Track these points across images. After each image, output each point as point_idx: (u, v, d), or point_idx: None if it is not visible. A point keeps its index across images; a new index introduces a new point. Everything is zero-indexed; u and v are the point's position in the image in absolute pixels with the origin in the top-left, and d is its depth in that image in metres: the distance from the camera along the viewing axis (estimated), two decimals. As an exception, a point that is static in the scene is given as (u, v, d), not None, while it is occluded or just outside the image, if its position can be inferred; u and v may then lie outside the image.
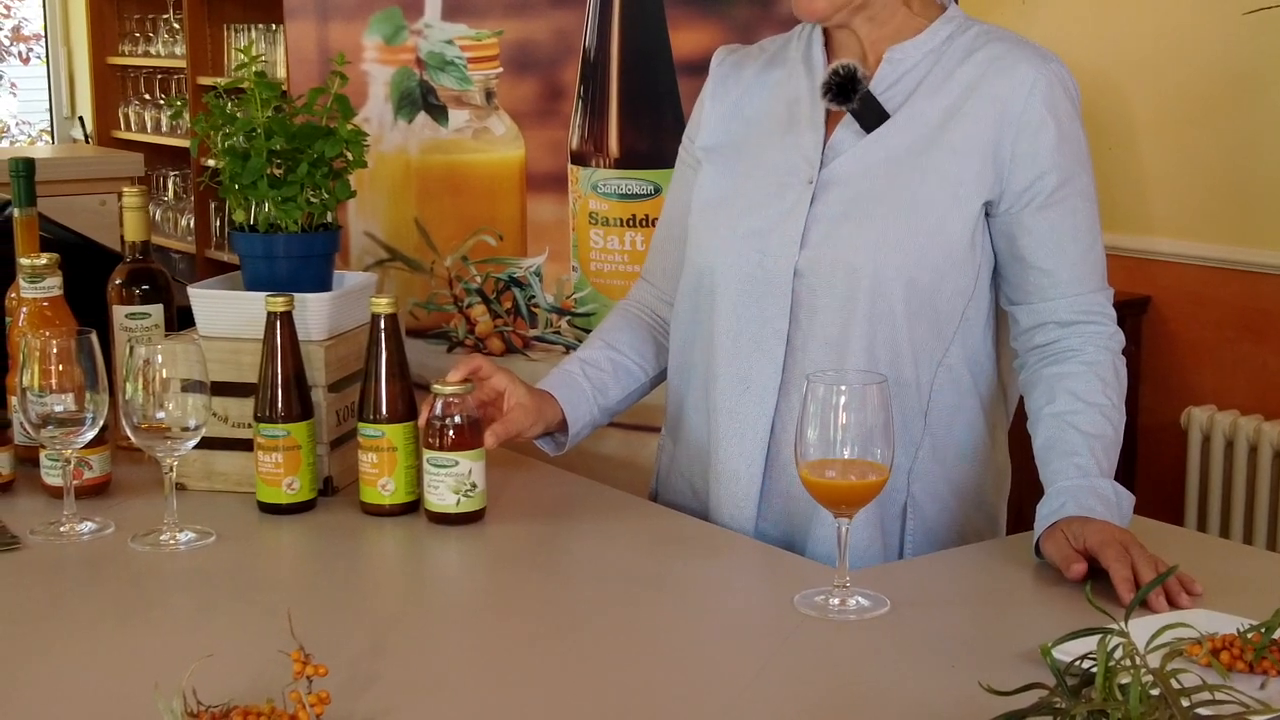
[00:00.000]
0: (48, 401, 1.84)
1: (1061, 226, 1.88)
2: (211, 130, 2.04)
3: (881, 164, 1.88)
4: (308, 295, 2.00)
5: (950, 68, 1.89)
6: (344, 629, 1.57)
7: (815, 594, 1.62)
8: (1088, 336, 1.89)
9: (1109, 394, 1.87)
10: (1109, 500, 1.76)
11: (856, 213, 1.87)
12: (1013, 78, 1.86)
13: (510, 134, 2.98)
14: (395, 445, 1.91)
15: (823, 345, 1.88)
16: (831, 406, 1.56)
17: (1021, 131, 1.85)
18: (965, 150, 1.86)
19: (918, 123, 1.88)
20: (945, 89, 1.89)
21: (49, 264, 2.05)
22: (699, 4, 2.70)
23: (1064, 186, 1.87)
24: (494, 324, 3.03)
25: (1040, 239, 1.88)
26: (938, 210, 1.86)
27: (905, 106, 1.89)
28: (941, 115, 1.88)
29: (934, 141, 1.87)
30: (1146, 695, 1.12)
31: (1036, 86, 1.86)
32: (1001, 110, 1.86)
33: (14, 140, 8.03)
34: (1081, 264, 1.90)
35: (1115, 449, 1.84)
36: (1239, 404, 3.44)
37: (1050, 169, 1.86)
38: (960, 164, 1.86)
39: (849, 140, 1.90)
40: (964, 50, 1.90)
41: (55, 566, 1.80)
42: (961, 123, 1.87)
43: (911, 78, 1.90)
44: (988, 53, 1.89)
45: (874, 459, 1.57)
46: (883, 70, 1.90)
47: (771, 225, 1.91)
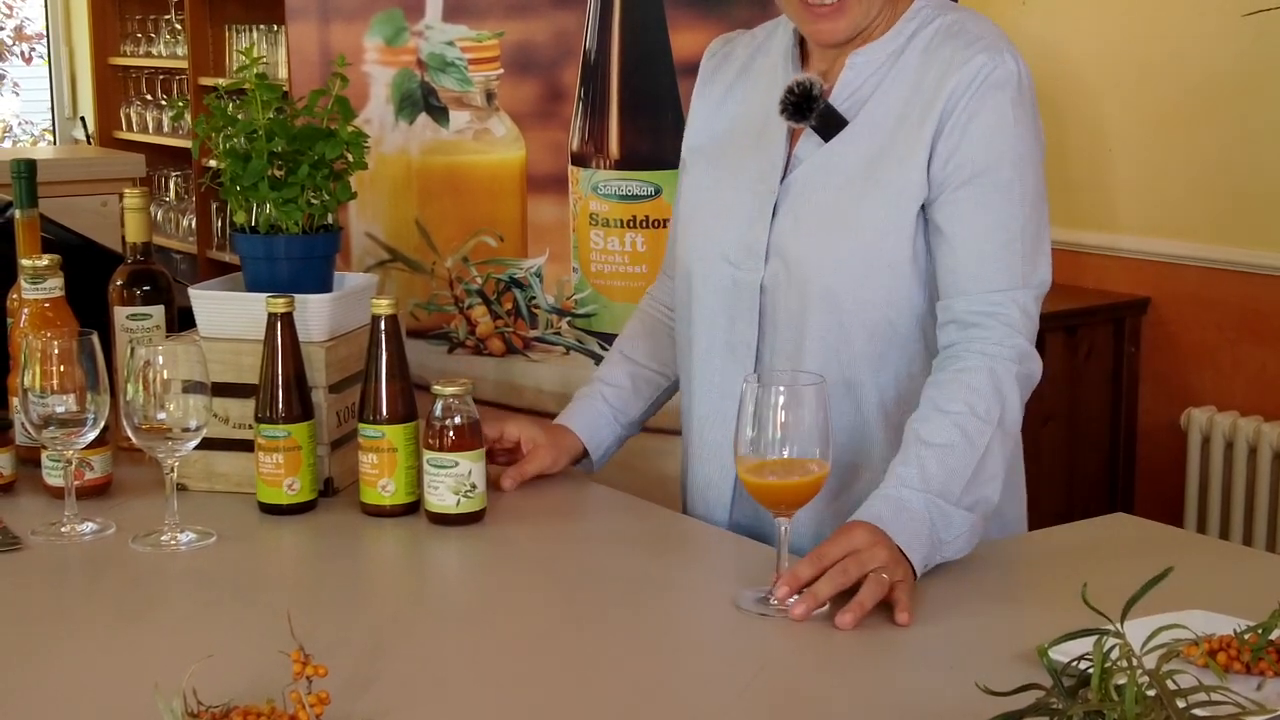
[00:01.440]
0: (49, 402, 1.84)
1: (969, 218, 1.79)
2: (212, 131, 2.05)
3: (836, 175, 1.86)
4: (308, 296, 2.00)
5: (909, 66, 1.86)
6: (344, 629, 1.57)
7: (756, 593, 1.62)
8: (972, 342, 1.78)
9: (972, 401, 1.73)
10: (910, 514, 1.66)
11: (810, 227, 1.87)
12: (959, 73, 1.81)
13: (511, 135, 2.98)
14: (395, 446, 1.91)
15: (784, 359, 1.89)
16: (769, 406, 1.57)
17: (954, 122, 1.80)
18: (908, 156, 1.82)
19: (872, 129, 1.85)
20: (898, 91, 1.85)
21: (50, 265, 2.05)
22: (699, 5, 2.70)
23: (980, 177, 1.79)
24: (494, 325, 3.04)
25: (947, 230, 1.80)
26: (879, 226, 1.82)
27: (862, 112, 1.86)
28: (894, 120, 1.85)
29: (884, 150, 1.84)
30: (1143, 696, 1.12)
31: (978, 78, 1.80)
32: (942, 105, 1.81)
33: (16, 140, 8.03)
34: (990, 261, 1.79)
35: (965, 459, 1.71)
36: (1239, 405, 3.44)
37: (968, 159, 1.79)
38: (904, 173, 1.82)
39: (809, 149, 1.88)
40: (922, 47, 1.86)
41: (56, 567, 1.80)
42: (908, 127, 1.83)
43: (871, 82, 1.87)
44: (943, 49, 1.84)
45: (812, 458, 1.57)
46: (845, 76, 1.87)
47: (741, 237, 1.91)
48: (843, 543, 1.62)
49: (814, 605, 1.57)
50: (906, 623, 1.56)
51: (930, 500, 1.68)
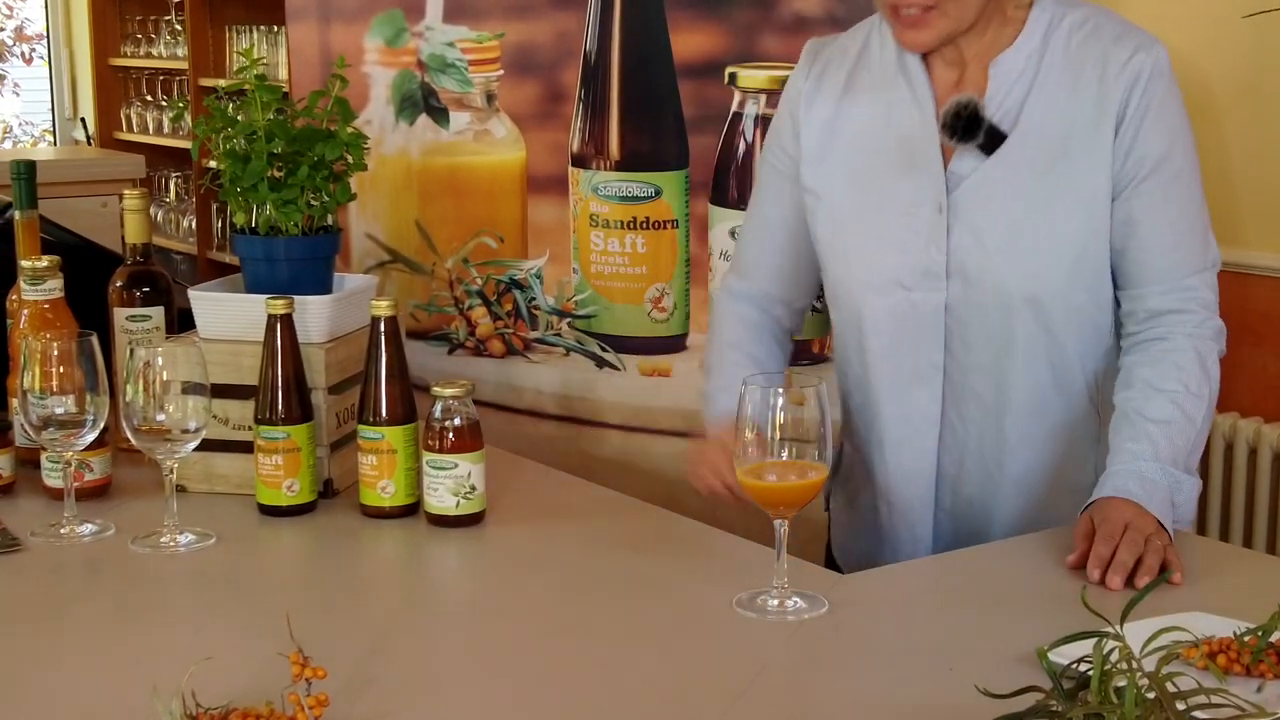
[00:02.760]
0: (48, 403, 1.84)
1: (1155, 211, 1.86)
2: (212, 132, 2.05)
3: (1009, 186, 1.86)
4: (308, 298, 2.00)
5: (1055, 66, 1.87)
6: (343, 631, 1.57)
7: (755, 595, 1.62)
8: (1173, 325, 1.87)
9: (1185, 379, 1.84)
10: (1152, 484, 1.76)
11: (996, 242, 1.86)
12: (1124, 72, 1.84)
13: (511, 136, 2.98)
14: (395, 447, 1.91)
15: (981, 374, 1.91)
16: (769, 407, 1.57)
17: (1130, 121, 1.84)
18: (1091, 159, 1.85)
19: (1036, 134, 1.86)
20: (1055, 91, 1.86)
21: (50, 266, 2.05)
22: (699, 6, 2.70)
23: (1159, 169, 1.85)
24: (494, 326, 3.04)
25: (1134, 224, 1.86)
26: (1077, 232, 1.86)
27: (1021, 119, 1.86)
28: (1059, 121, 1.86)
29: (1058, 153, 1.85)
30: (1142, 698, 1.12)
31: (1143, 74, 1.84)
32: (1116, 107, 1.84)
33: (16, 141, 8.03)
34: (1178, 249, 1.88)
35: (1185, 434, 1.83)
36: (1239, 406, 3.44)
37: (1148, 154, 1.85)
38: (1091, 178, 1.85)
39: (970, 163, 1.87)
40: (1064, 43, 1.87)
41: (56, 568, 1.80)
42: (1081, 130, 1.85)
43: (1020, 86, 1.87)
44: (1091, 43, 1.87)
45: (812, 460, 1.57)
46: (992, 88, 1.87)
47: (914, 261, 1.89)
48: (1115, 518, 1.72)
49: (1126, 575, 1.65)
50: (1180, 582, 1.66)
51: (1164, 469, 1.78)
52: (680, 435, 2.82)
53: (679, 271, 2.82)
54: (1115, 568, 1.65)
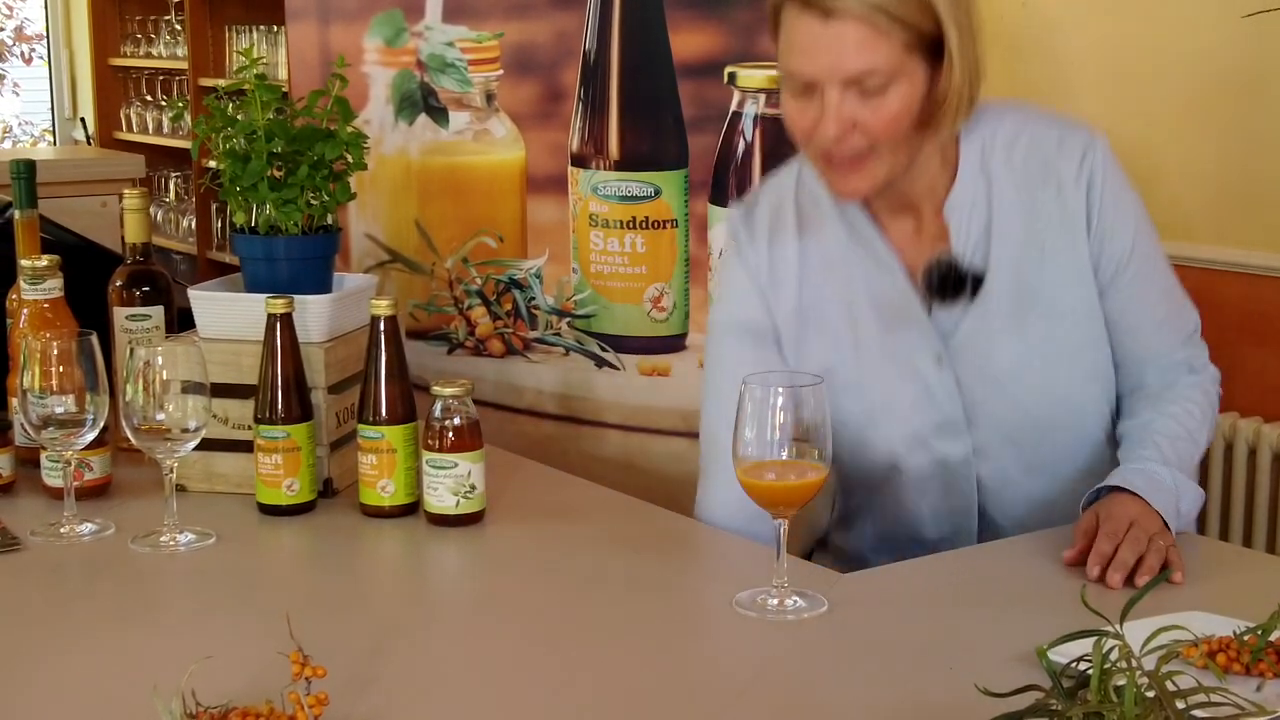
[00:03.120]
0: (48, 403, 1.84)
1: (1138, 299, 1.89)
2: (212, 132, 2.05)
3: (1003, 320, 1.86)
4: (308, 297, 2.00)
5: (1007, 192, 1.85)
6: (343, 630, 1.57)
7: (755, 594, 1.62)
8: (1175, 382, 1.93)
9: (1188, 406, 1.88)
10: (1159, 483, 1.77)
11: (1009, 379, 1.87)
12: (1075, 179, 1.84)
13: (511, 136, 2.98)
14: (395, 447, 1.91)
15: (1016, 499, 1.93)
16: (769, 407, 1.56)
17: (1096, 225, 1.85)
18: (1074, 274, 1.85)
19: (1011, 263, 1.85)
20: (1014, 218, 1.85)
21: (50, 266, 2.05)
22: (699, 6, 2.70)
23: (1132, 260, 1.87)
24: (494, 326, 3.04)
25: (1121, 316, 1.89)
26: (1081, 341, 1.87)
27: (991, 253, 1.85)
28: (1028, 245, 1.85)
29: (1039, 276, 1.85)
30: (1142, 697, 1.12)
31: (1095, 177, 1.85)
32: (1078, 215, 1.84)
33: (16, 140, 8.03)
34: (1165, 327, 1.92)
35: (1189, 448, 1.85)
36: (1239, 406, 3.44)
37: (1119, 250, 1.86)
38: (1080, 292, 1.86)
39: (955, 314, 1.86)
40: (1005, 165, 1.85)
41: (55, 568, 1.80)
42: (1053, 244, 1.85)
43: (977, 221, 1.85)
44: (1034, 158, 1.85)
45: (812, 459, 1.57)
46: (951, 231, 1.85)
47: (929, 419, 1.89)
48: (1120, 514, 1.72)
49: (1126, 573, 1.64)
50: (1181, 581, 1.66)
51: (1172, 473, 1.80)
52: (680, 435, 2.82)
53: (678, 271, 2.82)
54: (1116, 565, 1.65)
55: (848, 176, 1.78)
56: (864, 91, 1.72)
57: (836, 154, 1.76)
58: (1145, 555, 1.66)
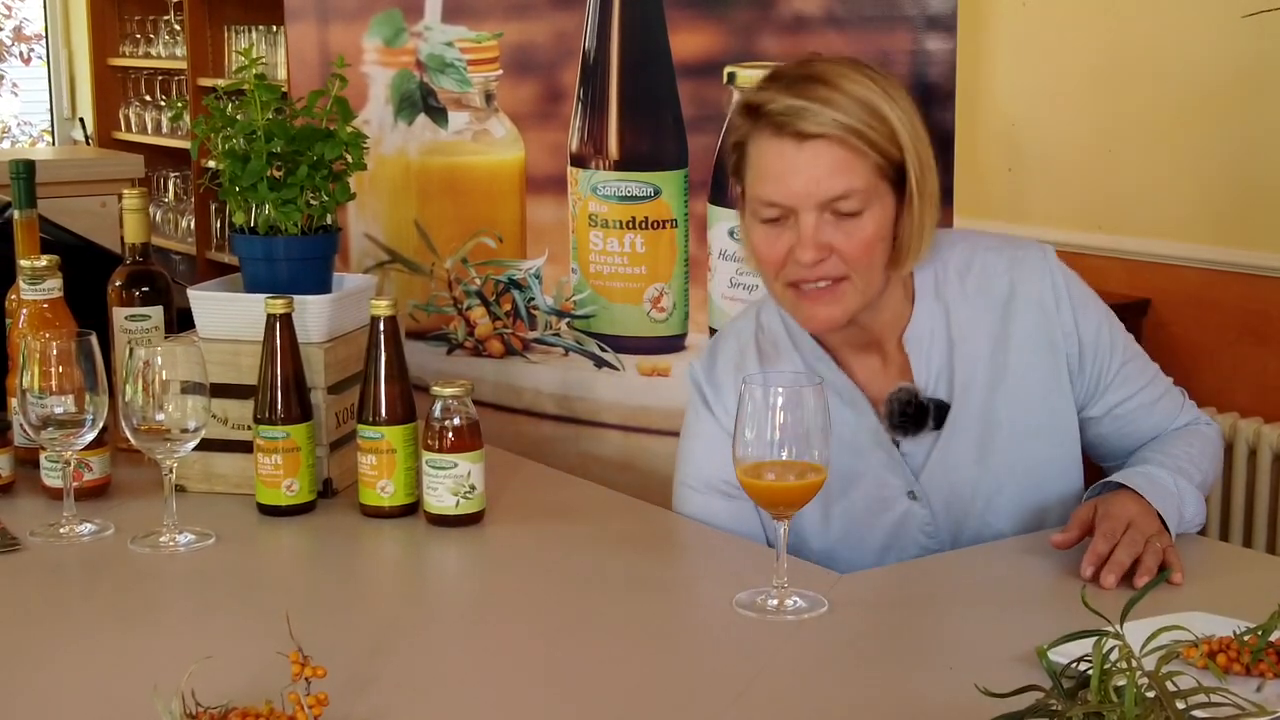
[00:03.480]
0: (48, 403, 1.84)
1: (1126, 401, 1.90)
2: (211, 132, 2.05)
3: (973, 449, 1.86)
4: (307, 297, 2.00)
5: (963, 320, 1.86)
6: (342, 631, 1.57)
7: (755, 594, 1.62)
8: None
9: (1190, 439, 1.91)
10: (1161, 486, 1.77)
11: (985, 501, 1.87)
12: (1039, 305, 1.85)
13: (510, 136, 2.98)
14: (394, 447, 1.91)
15: None
16: (769, 408, 1.56)
17: (1074, 345, 1.86)
18: (1044, 392, 1.86)
19: (974, 384, 1.85)
20: (973, 334, 1.85)
21: (49, 266, 2.05)
22: (699, 6, 2.70)
23: (1110, 367, 1.88)
24: (493, 326, 3.04)
25: (1114, 421, 1.91)
26: (1057, 452, 1.88)
27: (954, 383, 1.85)
28: (988, 360, 1.85)
29: (1001, 391, 1.85)
30: (1142, 698, 1.12)
31: (1060, 298, 1.85)
32: (1054, 340, 1.85)
33: (15, 141, 8.02)
34: (1155, 413, 1.93)
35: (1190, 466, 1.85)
36: (1239, 407, 3.44)
37: (1100, 356, 1.87)
38: (1045, 401, 1.86)
39: (923, 446, 1.86)
40: (960, 294, 1.86)
41: (55, 568, 1.80)
42: (1013, 357, 1.85)
43: (937, 351, 1.85)
44: (989, 286, 1.86)
45: (812, 460, 1.57)
46: (913, 362, 1.85)
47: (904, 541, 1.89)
48: (1118, 513, 1.71)
49: (1121, 575, 1.64)
50: (1180, 582, 1.65)
51: (1176, 478, 1.79)
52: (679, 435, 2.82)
53: (678, 271, 2.82)
54: (1111, 566, 1.65)
55: (819, 306, 1.78)
56: (839, 215, 1.72)
57: (809, 282, 1.75)
58: (1142, 556, 1.66)
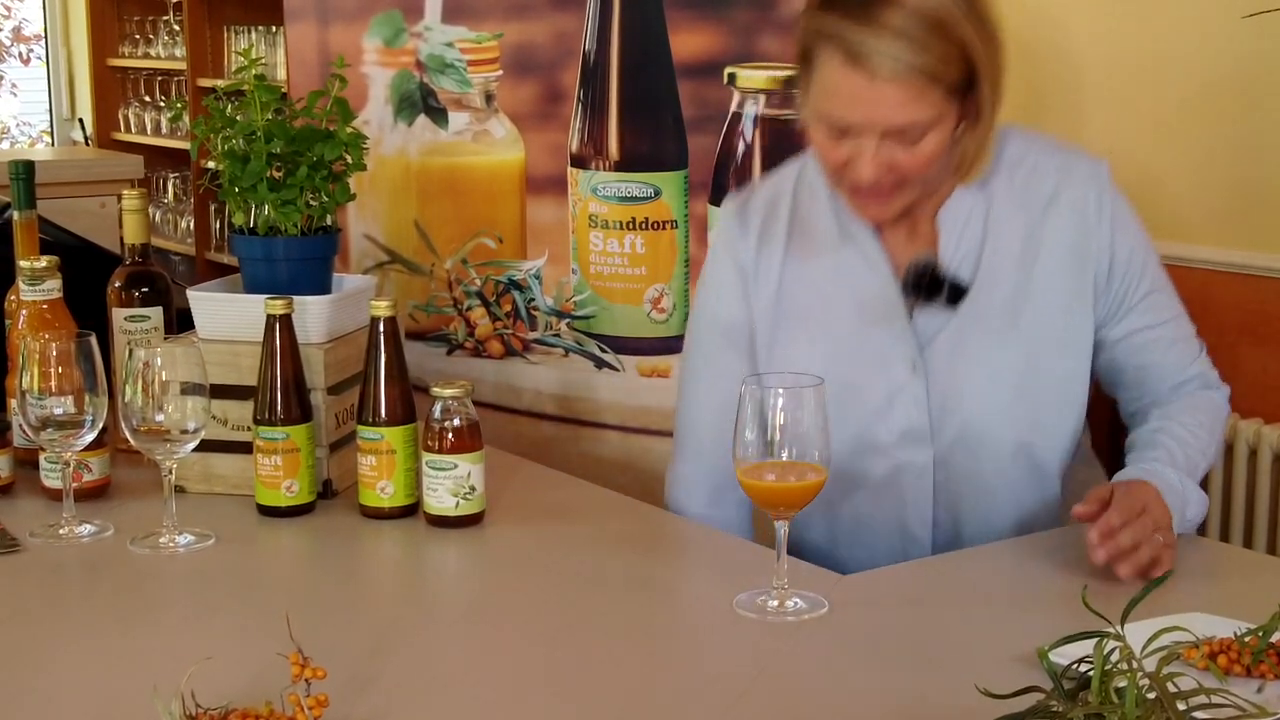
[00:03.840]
0: (47, 404, 1.84)
1: (1150, 328, 1.90)
2: (211, 133, 2.05)
3: (982, 336, 1.86)
4: (307, 298, 2.00)
5: (1004, 210, 1.86)
6: (343, 632, 1.57)
7: (755, 595, 1.62)
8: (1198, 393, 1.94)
9: (1199, 417, 1.89)
10: (1169, 484, 1.77)
11: (979, 395, 1.86)
12: (1082, 210, 1.85)
13: (510, 136, 2.98)
14: (394, 448, 1.91)
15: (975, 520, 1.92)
16: (769, 408, 1.56)
17: (1107, 257, 1.86)
18: (1069, 298, 1.86)
19: (1000, 282, 1.86)
20: (1011, 237, 1.86)
21: (49, 266, 2.05)
22: (699, 7, 2.70)
23: (1141, 290, 1.88)
24: (493, 326, 3.04)
25: (1134, 346, 1.90)
26: (1068, 372, 1.87)
27: (980, 268, 1.85)
28: (1021, 267, 1.85)
29: (1028, 298, 1.85)
30: (1143, 699, 1.12)
31: (1104, 207, 1.85)
32: (1087, 246, 1.85)
33: (14, 141, 8.02)
34: (1176, 350, 1.92)
35: (1198, 458, 1.85)
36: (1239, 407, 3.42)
37: (1130, 282, 1.87)
38: (1072, 318, 1.86)
39: (938, 320, 1.86)
40: (1007, 184, 1.86)
41: (54, 569, 1.80)
42: (1048, 270, 1.85)
43: (970, 233, 1.86)
44: (1037, 183, 1.86)
45: (812, 460, 1.57)
46: (941, 239, 1.86)
47: (894, 424, 1.88)
48: (1137, 495, 1.72)
49: (1117, 552, 1.65)
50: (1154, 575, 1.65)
51: (1180, 477, 1.79)
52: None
53: (678, 272, 2.82)
54: (1113, 548, 1.65)
55: (871, 205, 1.82)
56: (902, 139, 1.74)
57: (867, 188, 1.79)
58: (1159, 556, 1.66)
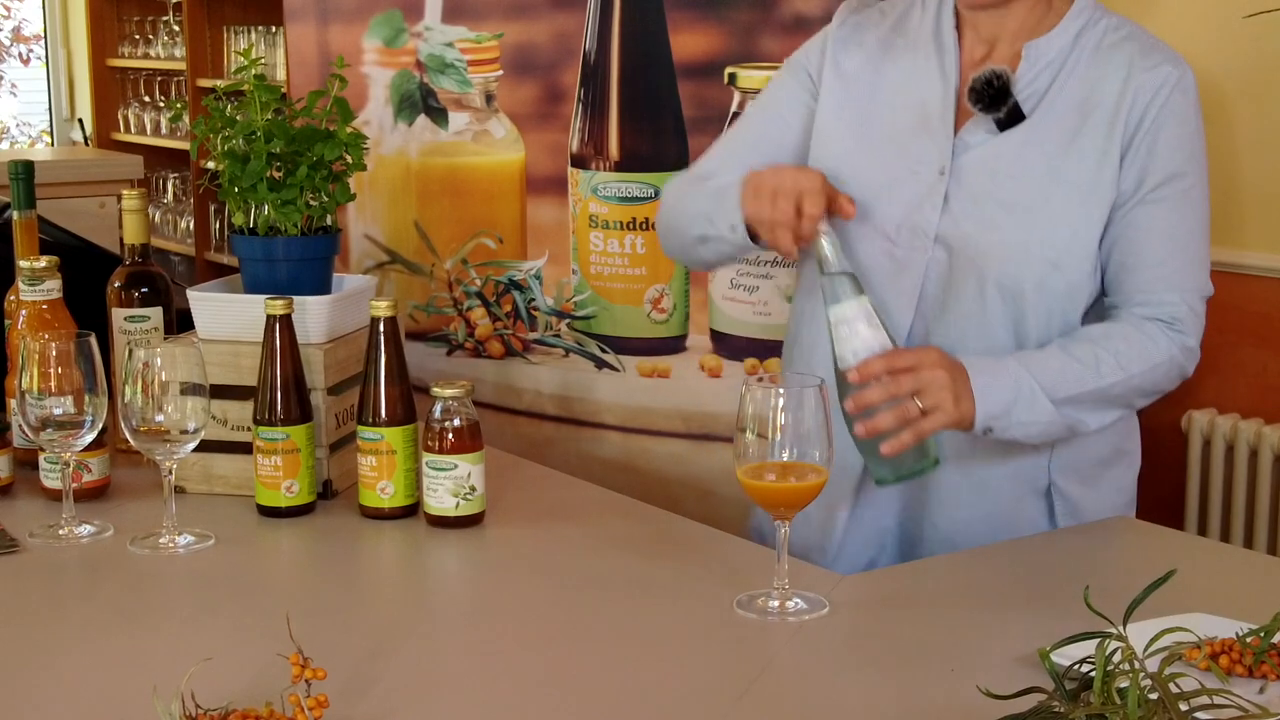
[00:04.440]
0: (47, 404, 1.83)
1: (1157, 223, 1.86)
2: (211, 133, 2.04)
3: (1015, 164, 1.87)
4: (307, 298, 2.00)
5: (1083, 65, 1.88)
6: (343, 632, 1.57)
7: (755, 596, 1.62)
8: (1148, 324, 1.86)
9: (1123, 347, 1.82)
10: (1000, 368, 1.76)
11: (991, 217, 1.86)
12: (1148, 79, 1.86)
13: (510, 137, 2.98)
14: (394, 448, 1.91)
15: (938, 341, 1.88)
16: (770, 409, 1.56)
17: (1146, 129, 1.85)
18: (1099, 156, 1.85)
19: (1050, 123, 1.87)
20: (1078, 88, 1.88)
21: (48, 267, 2.05)
22: (699, 7, 2.70)
23: (1170, 183, 1.85)
24: (494, 327, 3.03)
25: (1134, 233, 1.86)
26: (1073, 220, 1.86)
27: (1040, 107, 1.87)
28: (1074, 118, 1.87)
29: (1067, 147, 1.86)
30: (1145, 699, 1.12)
31: (1166, 85, 1.85)
32: (1131, 110, 1.85)
33: (14, 141, 8.02)
34: (1171, 264, 1.87)
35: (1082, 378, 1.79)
36: (1240, 408, 3.44)
37: (1161, 166, 1.85)
38: (1097, 173, 1.85)
39: (979, 136, 1.89)
40: (1096, 43, 1.89)
41: (54, 569, 1.80)
42: (1094, 127, 1.86)
43: (1046, 75, 1.89)
44: (1122, 48, 1.88)
45: (813, 461, 1.57)
46: (1023, 68, 1.88)
47: (906, 217, 1.89)
48: (917, 354, 1.73)
49: (857, 408, 1.70)
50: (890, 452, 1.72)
51: (1028, 377, 1.77)
52: (679, 436, 2.82)
53: (678, 273, 2.82)
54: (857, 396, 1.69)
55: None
56: None
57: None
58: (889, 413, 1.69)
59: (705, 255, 2.01)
